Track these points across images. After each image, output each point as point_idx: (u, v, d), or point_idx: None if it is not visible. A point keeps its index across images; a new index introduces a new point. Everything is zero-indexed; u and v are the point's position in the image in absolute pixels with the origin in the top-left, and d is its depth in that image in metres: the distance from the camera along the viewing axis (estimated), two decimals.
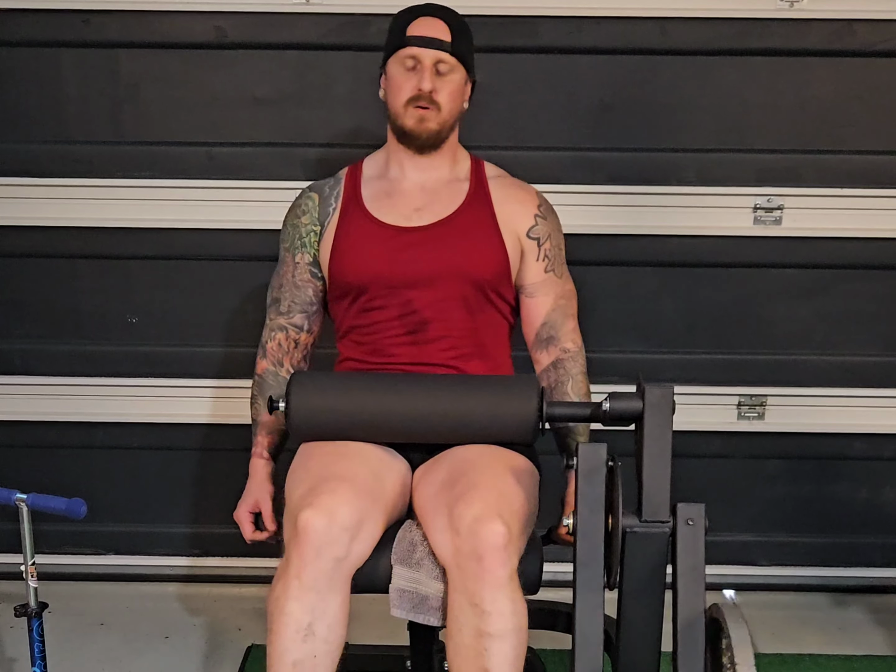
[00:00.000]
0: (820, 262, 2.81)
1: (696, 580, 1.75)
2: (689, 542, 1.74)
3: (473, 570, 1.82)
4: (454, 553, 1.85)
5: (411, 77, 2.08)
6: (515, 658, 1.84)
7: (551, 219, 2.21)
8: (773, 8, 2.64)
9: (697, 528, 1.74)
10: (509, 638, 1.83)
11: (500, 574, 1.81)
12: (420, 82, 2.07)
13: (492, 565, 1.81)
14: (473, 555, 1.81)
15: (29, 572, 1.98)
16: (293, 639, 1.85)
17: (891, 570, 3.00)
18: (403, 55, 2.08)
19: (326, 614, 1.86)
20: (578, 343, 2.22)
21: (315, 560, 1.83)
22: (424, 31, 2.08)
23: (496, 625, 1.82)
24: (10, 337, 2.90)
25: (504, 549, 1.82)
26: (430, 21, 2.09)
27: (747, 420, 2.90)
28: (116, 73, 2.73)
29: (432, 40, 2.07)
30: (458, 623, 1.85)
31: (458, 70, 2.11)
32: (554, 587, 2.24)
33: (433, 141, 2.13)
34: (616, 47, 2.68)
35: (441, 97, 2.09)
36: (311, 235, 2.18)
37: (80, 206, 2.78)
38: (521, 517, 1.90)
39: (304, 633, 1.85)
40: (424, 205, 2.15)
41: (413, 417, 1.99)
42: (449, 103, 2.10)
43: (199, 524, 3.02)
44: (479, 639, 1.82)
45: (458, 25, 2.11)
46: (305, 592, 1.84)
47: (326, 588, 1.85)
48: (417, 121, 2.09)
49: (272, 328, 2.23)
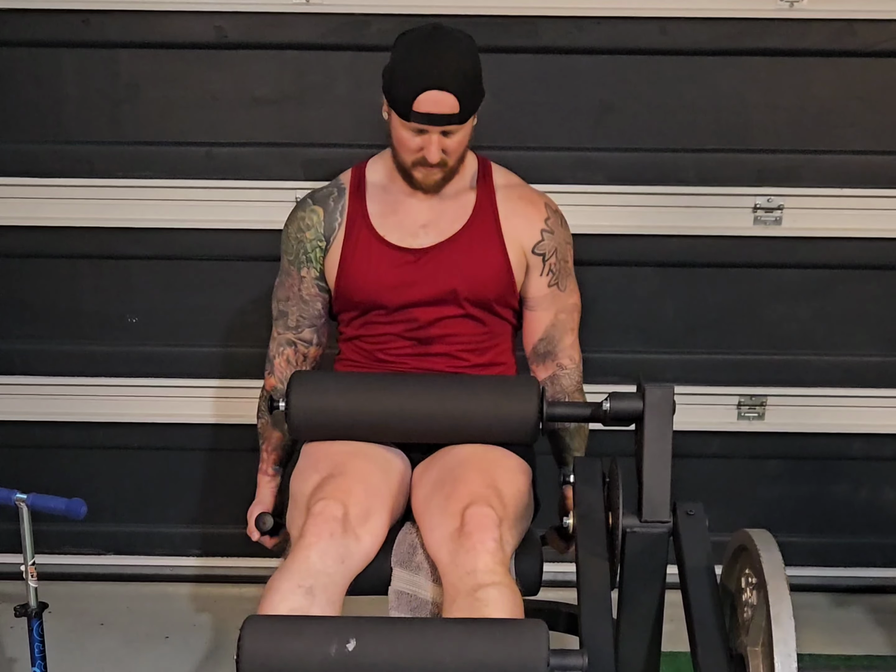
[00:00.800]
0: (820, 262, 2.81)
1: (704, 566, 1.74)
2: (691, 531, 1.74)
3: (464, 545, 1.82)
4: (447, 541, 1.85)
5: (417, 139, 2.00)
6: (515, 606, 1.80)
7: (559, 232, 2.17)
8: (773, 8, 2.64)
9: (698, 518, 1.74)
10: (504, 589, 1.79)
11: (490, 545, 1.82)
12: (426, 152, 2.00)
13: (482, 537, 1.82)
14: (464, 533, 1.83)
15: (29, 572, 1.98)
16: (292, 590, 1.80)
17: (891, 570, 3.00)
18: (409, 126, 1.99)
19: (328, 589, 1.82)
20: (576, 359, 2.20)
21: (330, 538, 1.83)
22: (431, 107, 1.95)
23: (490, 577, 1.79)
24: (10, 337, 2.90)
25: (493, 527, 1.83)
26: (437, 96, 1.94)
27: (747, 420, 2.90)
28: (116, 73, 2.72)
29: (440, 117, 1.96)
30: (452, 598, 1.82)
31: (467, 123, 2.02)
32: (554, 587, 2.24)
33: (442, 186, 2.10)
34: (616, 47, 2.68)
35: (449, 155, 2.03)
36: (316, 251, 2.15)
37: (80, 206, 2.78)
38: (510, 508, 1.92)
39: (305, 590, 1.80)
40: (430, 220, 2.12)
41: (413, 417, 2.00)
42: (456, 154, 2.05)
43: (199, 524, 3.02)
44: (474, 593, 1.78)
45: (465, 87, 1.97)
46: (312, 564, 1.81)
47: (332, 570, 1.83)
48: (425, 175, 2.06)
49: (280, 343, 2.21)
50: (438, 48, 1.97)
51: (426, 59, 1.96)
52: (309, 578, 1.81)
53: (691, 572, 1.74)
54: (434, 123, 1.97)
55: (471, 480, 1.92)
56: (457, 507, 1.86)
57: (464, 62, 1.98)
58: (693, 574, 1.74)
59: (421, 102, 1.95)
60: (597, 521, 1.78)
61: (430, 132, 1.98)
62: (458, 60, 1.97)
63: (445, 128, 1.98)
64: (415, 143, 2.01)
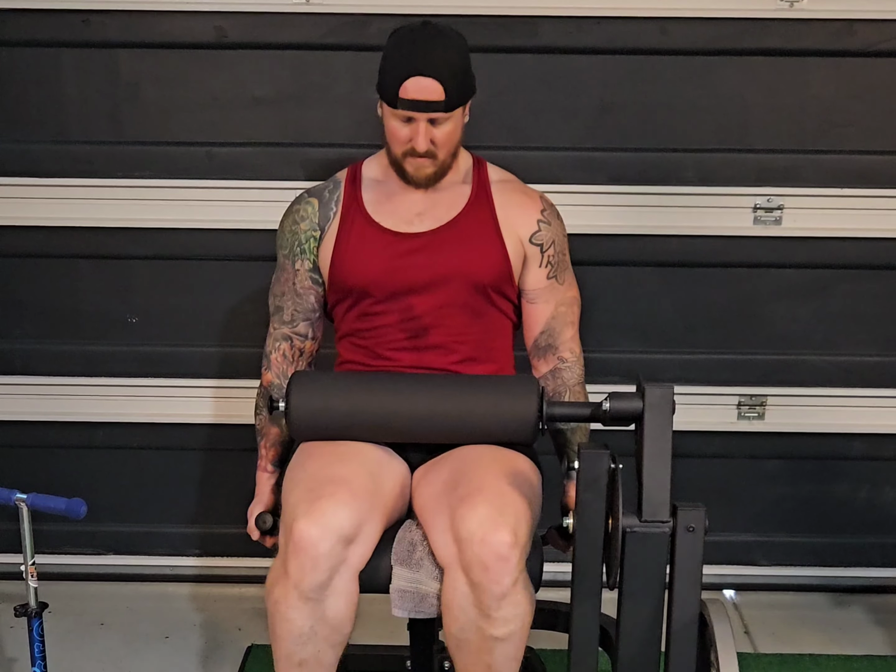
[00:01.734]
0: (820, 262, 2.81)
1: (692, 585, 1.75)
2: (688, 547, 1.74)
3: (478, 578, 1.82)
4: (457, 556, 1.85)
5: (406, 129, 2.03)
6: (517, 651, 1.89)
7: (555, 224, 2.19)
8: (773, 8, 2.64)
9: (697, 535, 1.74)
10: (513, 640, 1.87)
11: (506, 583, 1.82)
12: (414, 141, 2.03)
13: (497, 575, 1.81)
14: (479, 563, 1.82)
15: (29, 572, 1.98)
16: (296, 642, 1.88)
17: (891, 570, 3.00)
18: (397, 113, 2.03)
19: (327, 617, 1.87)
20: (577, 352, 2.21)
21: (312, 571, 1.84)
22: (416, 94, 1.98)
23: (501, 629, 1.85)
24: (10, 337, 2.90)
25: (509, 559, 1.82)
26: (422, 82, 1.98)
27: (747, 420, 2.90)
28: (116, 73, 2.72)
29: (425, 104, 1.99)
30: (459, 622, 1.86)
31: (455, 114, 2.05)
32: (554, 587, 2.24)
33: (434, 180, 2.11)
34: (616, 47, 2.68)
35: (438, 146, 2.05)
36: (310, 242, 2.17)
37: (80, 206, 2.78)
38: (526, 520, 1.90)
39: (307, 636, 1.87)
40: (426, 209, 2.14)
41: (413, 417, 1.99)
42: (445, 147, 2.06)
43: (199, 524, 3.02)
44: (483, 640, 1.86)
45: (451, 76, 2.00)
46: (304, 602, 1.86)
47: (326, 594, 1.86)
48: (416, 169, 2.08)
49: (276, 338, 2.22)
50: (425, 38, 2.02)
51: (413, 47, 2.01)
52: (309, 592, 1.86)
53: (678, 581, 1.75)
54: (419, 110, 2.00)
55: (485, 488, 1.89)
56: (471, 516, 1.84)
57: (450, 53, 2.02)
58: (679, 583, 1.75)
59: (407, 89, 1.99)
60: (595, 522, 1.77)
61: (417, 120, 2.01)
62: (445, 50, 2.02)
63: (432, 115, 2.01)
64: (404, 133, 2.04)
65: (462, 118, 2.09)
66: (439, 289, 2.11)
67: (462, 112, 2.08)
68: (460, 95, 2.04)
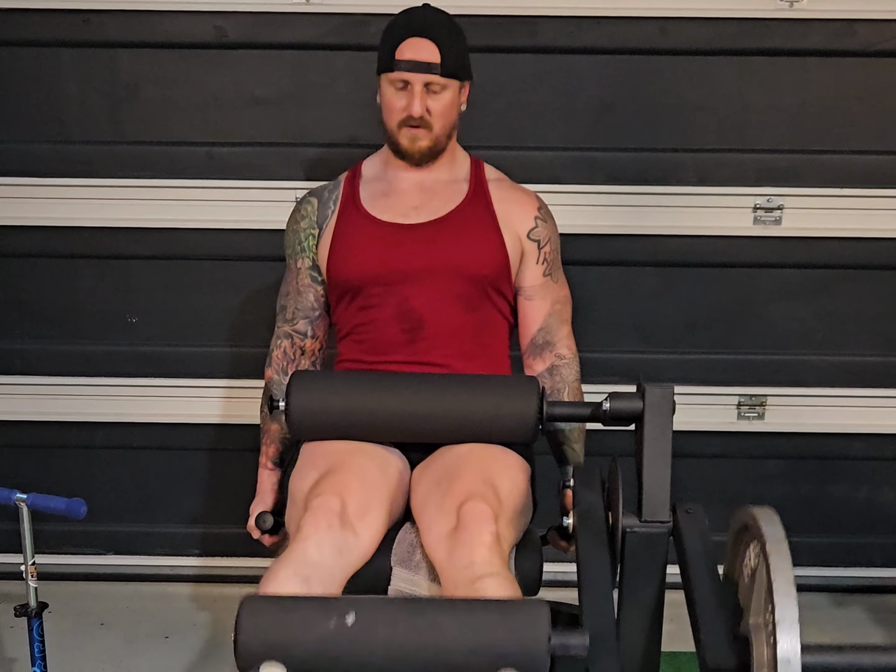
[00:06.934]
0: (820, 262, 2.81)
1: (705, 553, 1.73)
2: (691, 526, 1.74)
3: (461, 540, 1.81)
4: (444, 538, 1.84)
5: (402, 97, 2.08)
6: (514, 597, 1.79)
7: (550, 222, 2.22)
8: (773, 8, 2.64)
9: (698, 517, 1.74)
10: (503, 580, 1.78)
11: (486, 538, 1.80)
12: (410, 106, 2.07)
13: (478, 530, 1.81)
14: (460, 528, 1.82)
15: (29, 572, 1.99)
16: (289, 578, 1.78)
17: (891, 570, 3.00)
18: (393, 77, 2.07)
19: (325, 580, 1.80)
20: (573, 349, 2.23)
21: (327, 530, 1.82)
22: (413, 54, 2.05)
23: (486, 568, 1.78)
24: (10, 337, 2.90)
25: (489, 521, 1.81)
26: (419, 43, 2.05)
27: (747, 420, 2.90)
28: (116, 73, 2.73)
29: (421, 64, 2.05)
30: (450, 594, 1.81)
31: (451, 85, 2.09)
32: (554, 587, 2.24)
33: (428, 157, 2.14)
34: (616, 47, 2.68)
35: (433, 117, 2.09)
36: (309, 239, 2.19)
37: (80, 206, 2.78)
38: (507, 503, 1.91)
39: (301, 578, 1.78)
40: (422, 203, 2.16)
41: (413, 417, 1.99)
42: (441, 119, 2.10)
43: (199, 524, 3.02)
44: (472, 585, 1.77)
45: (448, 41, 2.07)
46: (309, 555, 1.80)
47: (330, 562, 1.81)
48: (411, 140, 2.11)
49: (278, 336, 2.25)
50: (422, 9, 2.13)
51: (410, 15, 2.11)
52: (306, 568, 1.79)
53: (692, 561, 1.73)
54: (416, 70, 2.05)
55: (467, 478, 1.91)
56: (453, 505, 1.86)
57: (447, 23, 2.10)
58: (694, 562, 1.73)
59: (403, 50, 2.05)
60: (597, 520, 1.77)
61: (413, 84, 2.06)
62: (439, 17, 2.11)
63: (428, 78, 2.05)
64: (400, 102, 2.08)
65: (458, 98, 2.13)
66: (434, 279, 2.12)
67: (458, 91, 2.12)
68: (456, 65, 2.09)
